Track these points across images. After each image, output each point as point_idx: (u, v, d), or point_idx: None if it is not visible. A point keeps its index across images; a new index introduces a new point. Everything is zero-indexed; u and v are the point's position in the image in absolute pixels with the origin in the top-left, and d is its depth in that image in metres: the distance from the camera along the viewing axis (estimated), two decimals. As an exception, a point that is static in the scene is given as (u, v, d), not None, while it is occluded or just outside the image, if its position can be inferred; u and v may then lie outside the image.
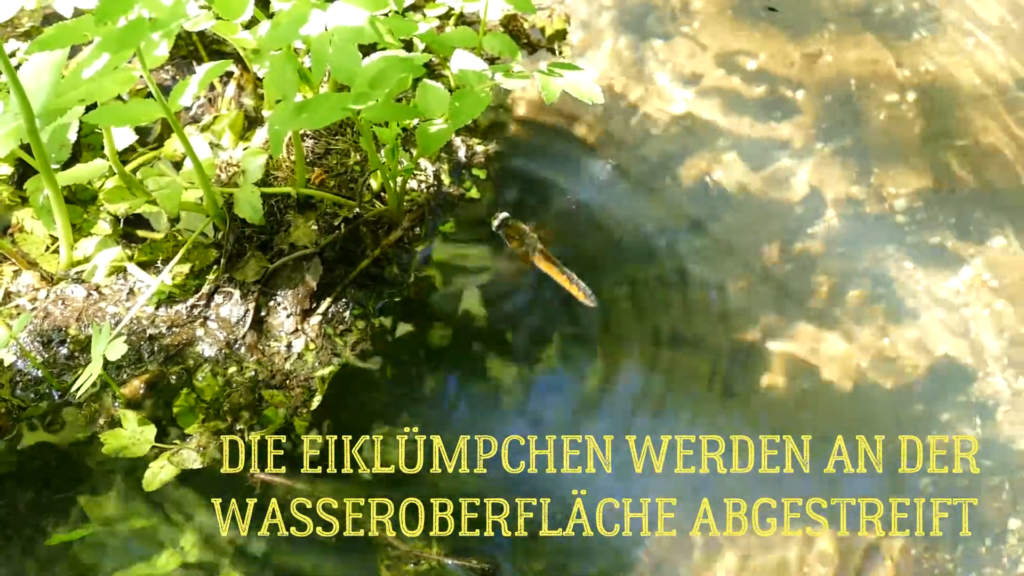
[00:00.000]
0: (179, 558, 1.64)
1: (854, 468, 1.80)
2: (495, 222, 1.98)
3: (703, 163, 2.17)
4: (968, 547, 1.72)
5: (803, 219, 2.10)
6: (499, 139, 2.15)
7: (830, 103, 2.29)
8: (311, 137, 2.02)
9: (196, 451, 1.71)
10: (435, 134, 1.68)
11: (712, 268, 2.01)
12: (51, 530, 1.66)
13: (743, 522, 1.74)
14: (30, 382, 1.75)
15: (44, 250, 1.85)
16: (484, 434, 1.80)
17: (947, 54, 2.37)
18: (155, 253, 1.86)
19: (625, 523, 1.73)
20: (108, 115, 1.61)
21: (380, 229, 1.96)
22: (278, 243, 1.89)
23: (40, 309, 1.80)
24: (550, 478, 1.76)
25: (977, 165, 2.18)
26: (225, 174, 1.95)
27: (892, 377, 1.90)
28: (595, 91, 1.69)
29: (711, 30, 2.41)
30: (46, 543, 1.64)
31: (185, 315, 1.82)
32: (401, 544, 1.66)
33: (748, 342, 1.93)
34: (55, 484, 1.69)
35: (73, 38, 1.49)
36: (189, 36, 2.11)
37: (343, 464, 1.74)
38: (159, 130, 2.03)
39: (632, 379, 1.87)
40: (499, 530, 1.70)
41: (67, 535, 1.65)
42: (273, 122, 1.59)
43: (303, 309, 1.85)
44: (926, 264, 2.04)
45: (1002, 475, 1.79)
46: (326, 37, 1.59)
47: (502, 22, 2.30)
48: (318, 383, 1.79)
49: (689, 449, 1.80)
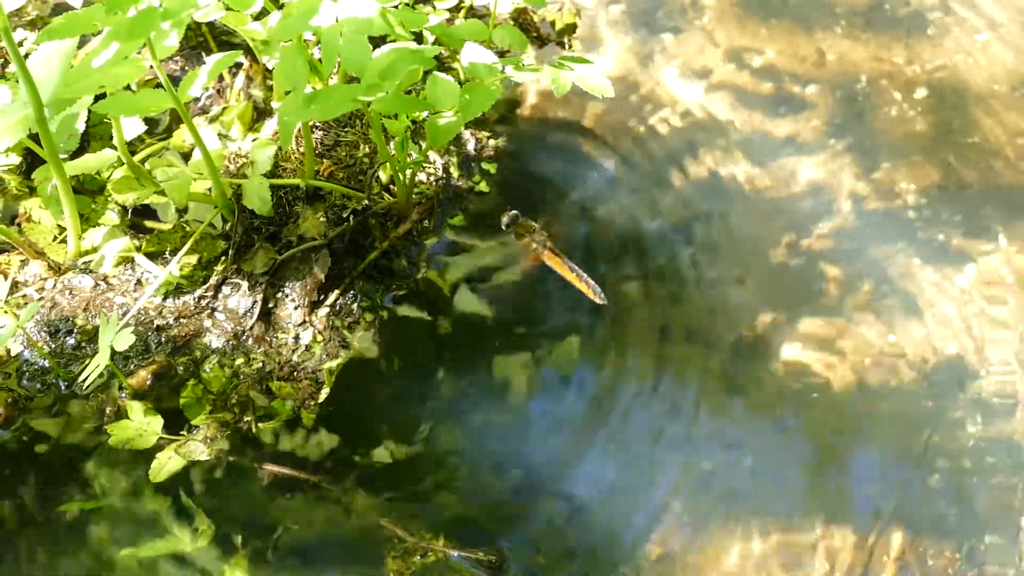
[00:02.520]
0: (187, 543, 1.64)
1: (861, 464, 1.80)
2: (504, 219, 1.96)
3: (712, 158, 2.17)
4: (976, 545, 1.72)
5: (811, 215, 2.09)
6: (509, 132, 2.15)
7: (839, 99, 2.29)
8: (320, 129, 2.02)
9: (203, 442, 1.70)
10: (445, 127, 1.68)
11: (720, 263, 2.01)
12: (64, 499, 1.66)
13: (748, 518, 1.74)
14: (37, 372, 1.75)
15: (52, 240, 1.85)
16: (491, 427, 1.80)
17: (956, 51, 2.36)
18: (163, 244, 1.86)
19: (631, 517, 1.73)
20: (117, 105, 1.60)
21: (389, 221, 1.96)
22: (286, 234, 1.89)
23: (47, 299, 1.80)
24: (557, 471, 1.76)
25: (985, 162, 2.18)
26: (234, 165, 1.95)
27: (899, 373, 1.89)
28: (605, 85, 1.68)
29: (721, 25, 2.40)
30: (60, 508, 1.64)
31: (193, 306, 1.82)
32: (408, 536, 1.66)
33: (755, 337, 1.93)
34: (64, 473, 1.69)
35: (83, 27, 1.49)
36: (198, 27, 2.10)
37: (349, 456, 1.74)
38: (168, 121, 2.02)
39: (640, 374, 1.86)
40: (506, 523, 1.70)
41: (81, 503, 1.65)
42: (283, 113, 1.58)
43: (311, 301, 1.85)
44: (934, 261, 2.04)
45: (1009, 473, 1.79)
46: (336, 28, 1.59)
47: (512, 15, 2.30)
48: (326, 375, 1.79)
49: (696, 443, 1.80)
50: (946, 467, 1.79)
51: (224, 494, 1.70)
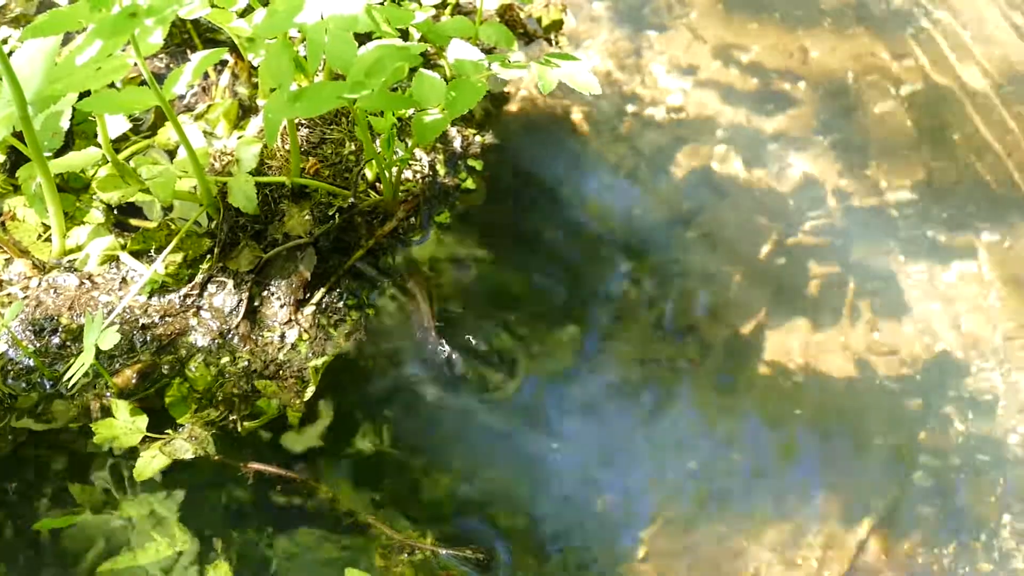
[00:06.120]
0: (169, 547, 1.63)
1: (847, 461, 1.80)
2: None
3: (698, 155, 2.17)
4: (961, 541, 1.73)
5: (798, 212, 2.10)
6: (496, 129, 2.14)
7: (826, 96, 2.29)
8: (306, 126, 2.01)
9: (188, 441, 1.70)
10: (431, 124, 1.67)
11: (707, 260, 2.01)
12: (42, 514, 1.65)
13: (738, 516, 1.74)
14: (21, 371, 1.74)
15: (36, 238, 1.84)
16: (478, 425, 1.80)
17: (943, 48, 2.37)
18: (148, 242, 1.85)
19: (622, 512, 1.73)
20: (102, 103, 1.59)
21: (375, 219, 1.95)
22: (272, 233, 1.88)
23: (32, 297, 1.79)
24: (545, 469, 1.76)
25: (971, 160, 2.19)
26: (219, 163, 1.94)
27: (886, 371, 1.90)
28: (592, 82, 1.68)
29: (707, 22, 2.40)
30: (34, 526, 1.64)
31: (178, 305, 1.82)
32: (395, 534, 1.66)
33: (742, 335, 1.93)
34: (45, 472, 1.69)
35: (67, 25, 1.48)
36: (183, 24, 2.09)
37: (336, 454, 1.74)
38: (153, 118, 2.01)
39: (630, 371, 1.87)
40: (494, 521, 1.70)
41: (55, 520, 1.64)
42: (268, 111, 1.58)
43: (297, 299, 1.84)
44: (920, 258, 2.04)
45: (996, 470, 1.80)
46: (322, 26, 1.58)
47: (498, 12, 2.29)
48: (311, 373, 1.78)
49: (685, 442, 1.81)
50: (934, 464, 1.80)
51: (209, 493, 1.69)
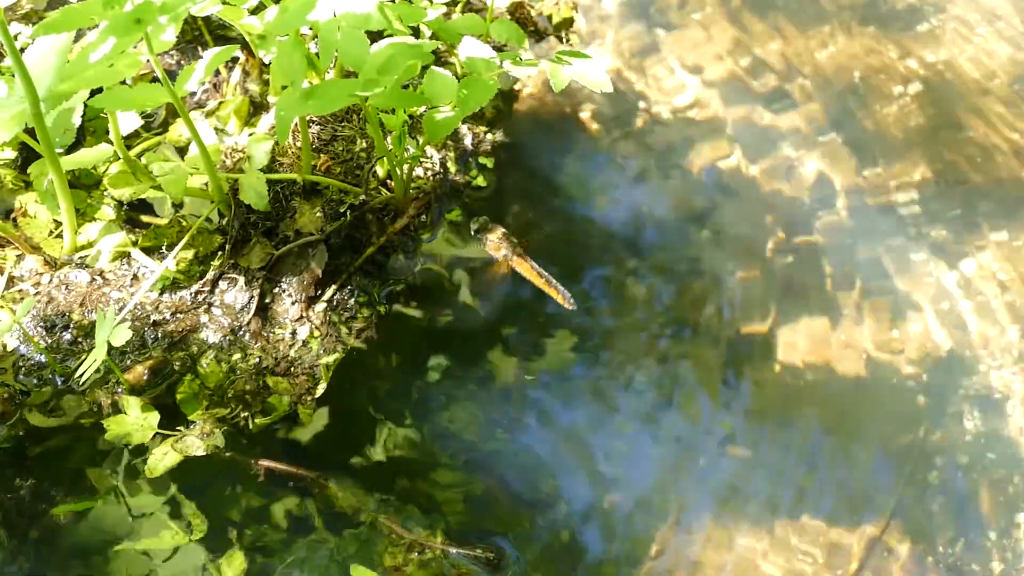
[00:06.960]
0: (182, 539, 1.64)
1: (858, 460, 1.80)
2: (474, 226, 1.98)
3: (708, 152, 2.17)
4: (972, 540, 1.73)
5: (807, 210, 2.10)
6: (506, 127, 2.14)
7: (834, 94, 2.29)
8: (317, 123, 2.01)
9: (200, 438, 1.70)
10: (442, 121, 1.67)
11: (715, 258, 2.01)
12: (59, 500, 1.66)
13: (747, 514, 1.74)
14: (33, 367, 1.74)
15: (48, 235, 1.84)
16: (487, 423, 1.80)
17: (951, 46, 2.36)
18: (159, 239, 1.85)
19: (629, 513, 1.73)
20: (113, 99, 1.59)
21: (386, 217, 1.95)
22: (283, 230, 1.88)
23: (44, 294, 1.79)
24: (554, 467, 1.76)
25: (980, 158, 2.18)
26: (230, 160, 1.94)
27: (896, 369, 1.90)
28: (603, 79, 1.68)
29: (716, 20, 2.40)
30: (52, 510, 1.64)
31: (189, 301, 1.82)
32: (406, 533, 1.66)
33: (751, 333, 1.93)
34: (59, 467, 1.69)
35: (79, 21, 1.47)
36: (195, 21, 2.09)
37: (346, 452, 1.74)
38: (164, 115, 2.02)
39: (637, 369, 1.87)
40: (504, 520, 1.70)
41: (73, 505, 1.65)
42: (280, 108, 1.58)
43: (308, 296, 1.84)
44: (929, 256, 2.04)
45: (1007, 468, 1.79)
46: (334, 23, 1.58)
47: (509, 9, 2.29)
48: (322, 370, 1.78)
49: (694, 440, 1.80)
50: (944, 463, 1.80)
51: (220, 490, 1.70)
